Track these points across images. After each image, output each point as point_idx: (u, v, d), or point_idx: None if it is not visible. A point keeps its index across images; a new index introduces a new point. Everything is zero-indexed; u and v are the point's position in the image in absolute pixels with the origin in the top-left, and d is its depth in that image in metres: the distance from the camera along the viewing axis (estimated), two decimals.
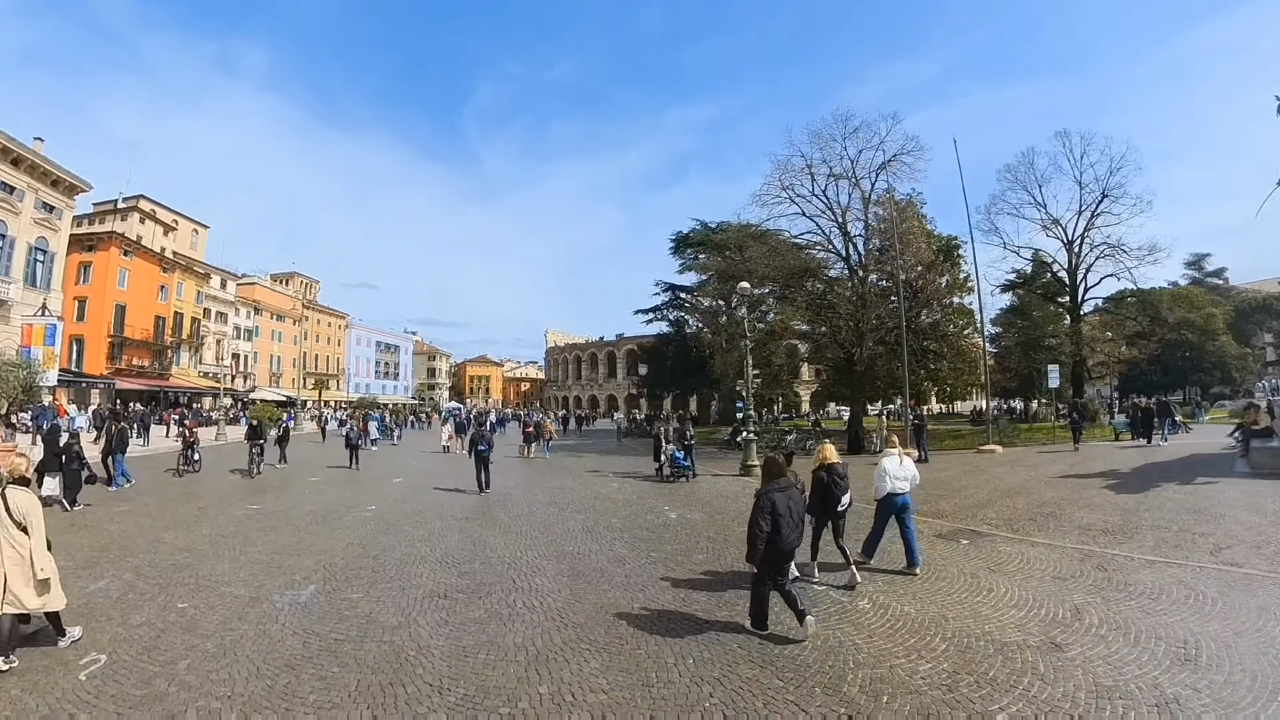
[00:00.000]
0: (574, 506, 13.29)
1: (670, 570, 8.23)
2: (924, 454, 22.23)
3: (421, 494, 15.17)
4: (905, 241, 30.68)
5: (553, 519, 11.91)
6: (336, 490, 15.54)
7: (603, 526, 11.18)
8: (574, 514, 12.41)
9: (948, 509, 12.36)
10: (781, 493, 5.82)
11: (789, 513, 5.75)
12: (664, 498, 14.42)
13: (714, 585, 7.58)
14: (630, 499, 14.33)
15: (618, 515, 12.26)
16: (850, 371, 29.81)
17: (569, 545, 9.76)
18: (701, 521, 11.57)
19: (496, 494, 15.09)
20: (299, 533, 10.55)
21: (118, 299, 50.20)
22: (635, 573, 8.16)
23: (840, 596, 7.10)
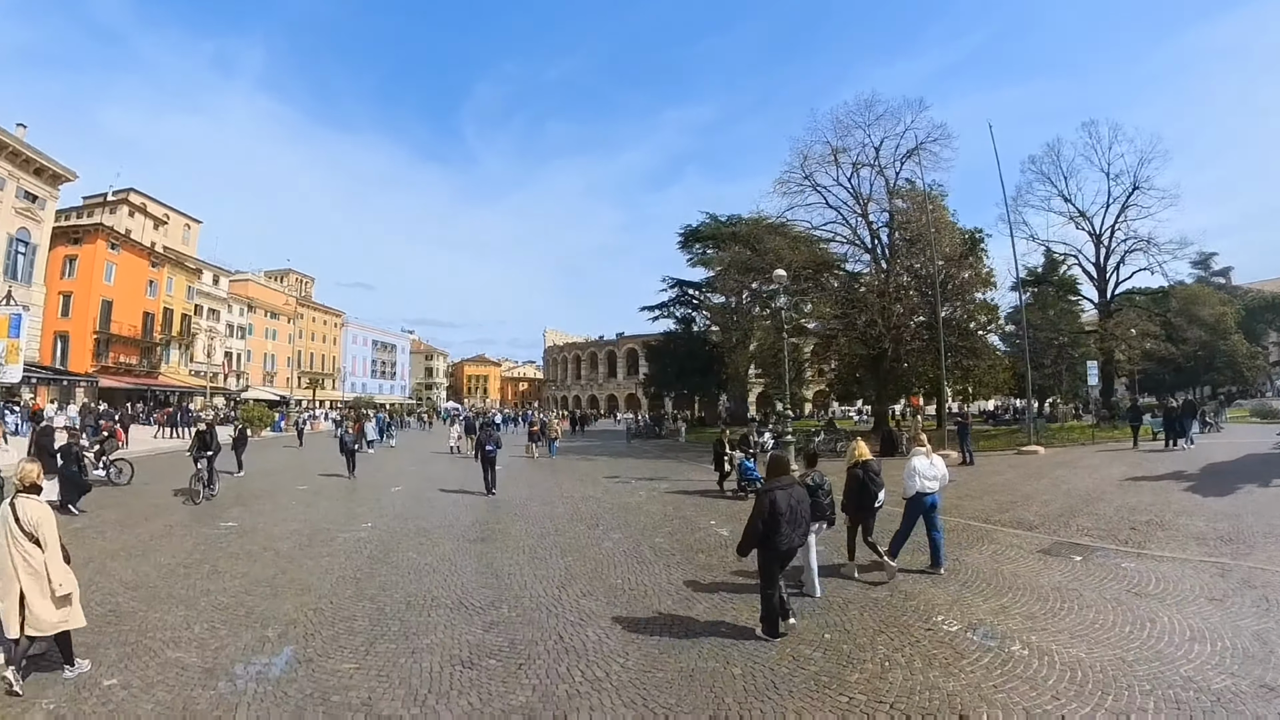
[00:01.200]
0: (605, 522, 11.32)
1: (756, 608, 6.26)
2: (968, 456, 20.43)
3: (425, 506, 13.16)
4: (937, 232, 28.99)
5: (584, 539, 9.93)
6: (328, 503, 13.49)
7: (647, 548, 9.21)
8: (607, 532, 10.43)
9: (1031, 518, 11.04)
10: (784, 490, 5.62)
11: (790, 512, 5.53)
12: (704, 511, 12.43)
13: None
14: (666, 512, 12.35)
15: (660, 533, 10.30)
16: (876, 369, 28.02)
17: (615, 576, 7.79)
18: None
19: (512, 504, 13.18)
20: (278, 561, 8.53)
21: (104, 294, 47.94)
22: (713, 613, 6.32)
23: (983, 640, 5.64)
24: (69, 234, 48.27)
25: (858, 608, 6.56)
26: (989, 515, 11.39)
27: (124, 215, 56.46)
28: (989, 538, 9.67)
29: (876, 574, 7.61)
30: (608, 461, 23.23)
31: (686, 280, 45.21)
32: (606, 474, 18.89)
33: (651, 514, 12.15)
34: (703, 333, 46.06)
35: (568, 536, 10.10)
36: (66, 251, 47.55)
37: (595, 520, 11.49)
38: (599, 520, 11.48)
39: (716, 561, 8.45)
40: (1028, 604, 6.55)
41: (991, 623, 6.04)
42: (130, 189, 61.02)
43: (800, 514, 5.68)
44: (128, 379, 47.62)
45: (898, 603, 6.70)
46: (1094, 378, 26.56)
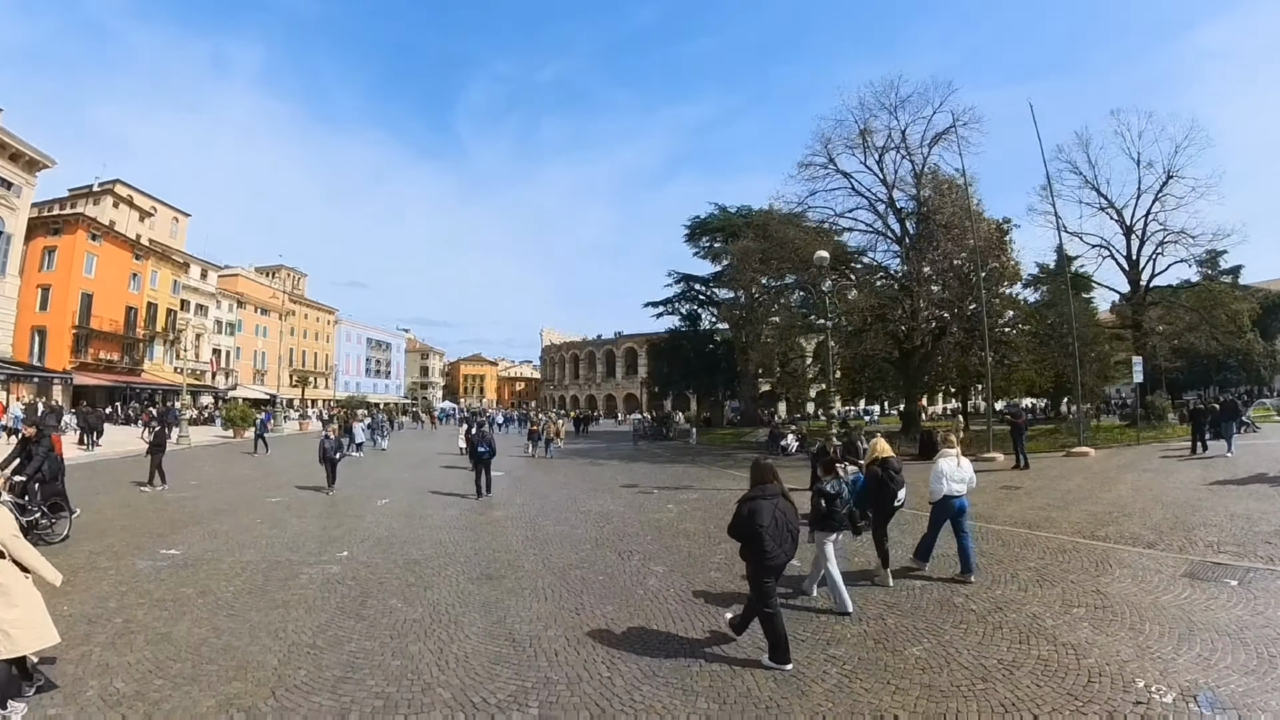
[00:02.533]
0: (638, 547, 9.05)
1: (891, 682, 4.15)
2: (1023, 459, 18.35)
3: (416, 525, 10.86)
4: (966, 221, 26.97)
5: (618, 574, 7.70)
6: (299, 522, 11.16)
7: (705, 590, 6.98)
8: (646, 563, 8.18)
9: (1143, 532, 9.46)
10: (766, 500, 5.05)
11: (775, 523, 4.96)
12: None
13: None
14: (709, 532, 10.10)
15: (712, 565, 8.06)
16: (905, 366, 25.90)
17: (679, 640, 5.54)
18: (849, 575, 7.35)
19: (521, 522, 10.96)
20: (215, 614, 6.25)
21: (84, 287, 45.44)
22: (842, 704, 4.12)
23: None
24: (48, 224, 45.82)
25: (1000, 655, 4.70)
26: (1091, 530, 9.72)
27: (108, 206, 53.86)
28: (1112, 559, 8.09)
29: (946, 582, 6.93)
30: (619, 467, 21.01)
31: (693, 275, 42.91)
32: (622, 481, 16.66)
33: (692, 536, 9.91)
34: (710, 330, 43.86)
35: (596, 570, 7.86)
36: (46, 243, 45.10)
37: (625, 545, 9.24)
38: (630, 545, 9.23)
39: (814, 619, 6.24)
40: (1231, 653, 5.03)
41: (1216, 687, 4.42)
42: (116, 180, 58.35)
43: (787, 527, 5.07)
44: (107, 376, 45.10)
45: (1064, 659, 4.96)
46: (1139, 374, 24.48)
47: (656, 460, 23.15)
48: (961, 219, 26.56)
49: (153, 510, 12.22)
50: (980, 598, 6.59)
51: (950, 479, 7.43)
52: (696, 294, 43.07)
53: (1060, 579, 7.21)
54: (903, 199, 27.94)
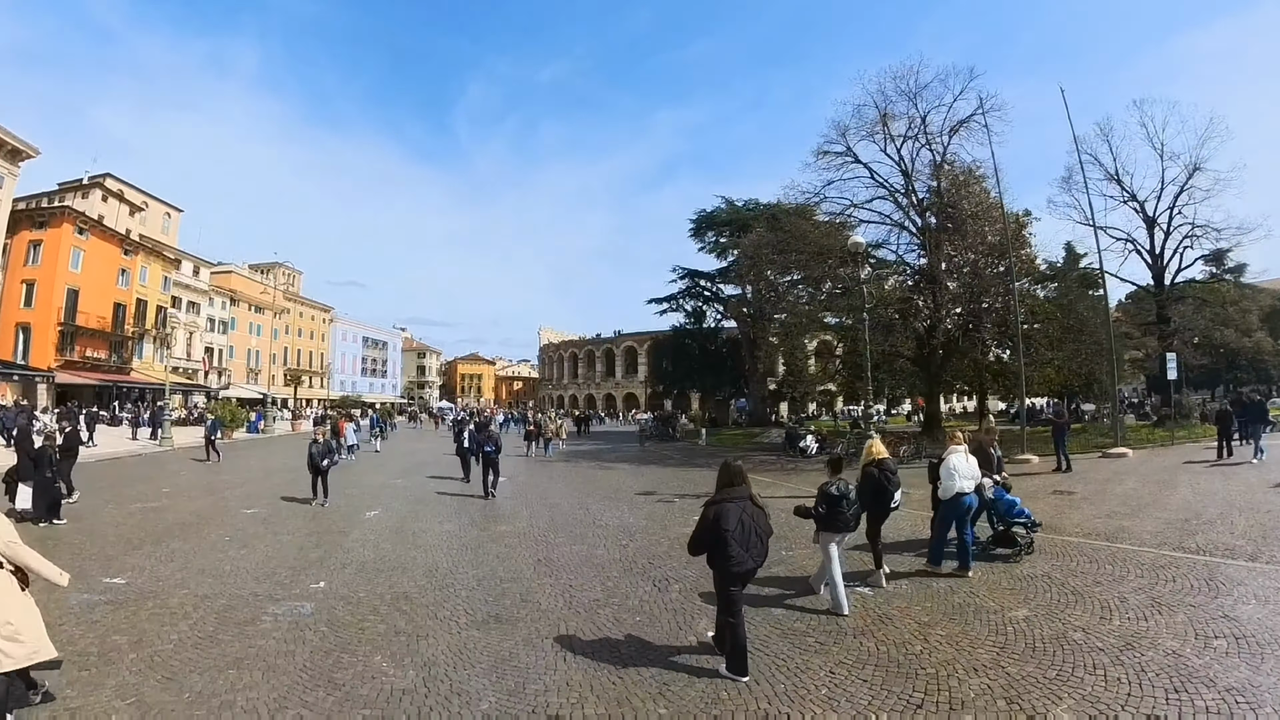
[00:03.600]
0: (674, 574, 7.53)
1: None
2: (1065, 461, 16.99)
3: (408, 544, 9.35)
4: (989, 214, 25.62)
5: (659, 611, 6.22)
6: (273, 540, 9.65)
7: (765, 625, 5.53)
8: (688, 597, 6.70)
9: (1237, 542, 8.36)
10: (732, 503, 4.82)
11: (741, 527, 4.73)
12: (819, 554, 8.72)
13: None
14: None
15: (775, 600, 6.60)
16: (928, 364, 24.46)
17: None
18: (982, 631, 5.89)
19: (531, 539, 9.50)
20: (147, 677, 4.77)
21: (70, 282, 43.77)
22: None
23: None
24: (33, 218, 44.15)
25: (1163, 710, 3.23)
26: (1178, 540, 8.61)
27: (96, 200, 52.07)
28: (1220, 575, 6.98)
29: None
30: (630, 471, 19.52)
31: (698, 270, 41.35)
32: (637, 488, 15.16)
33: None
34: (715, 327, 42.36)
35: (630, 608, 6.37)
36: (31, 236, 43.45)
37: (658, 571, 7.75)
38: (664, 571, 7.75)
39: (923, 651, 4.82)
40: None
41: None
42: (107, 174, 56.54)
43: (756, 532, 4.84)
44: (94, 375, 43.44)
45: (1240, 712, 4.05)
46: (1173, 372, 23.16)
47: (668, 463, 21.68)
48: (988, 209, 25.23)
49: (111, 524, 10.73)
50: (1101, 631, 5.49)
51: (962, 475, 7.22)
52: (701, 290, 41.52)
53: (1178, 603, 6.13)
54: (922, 189, 26.62)
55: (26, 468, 10.77)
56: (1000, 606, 6.20)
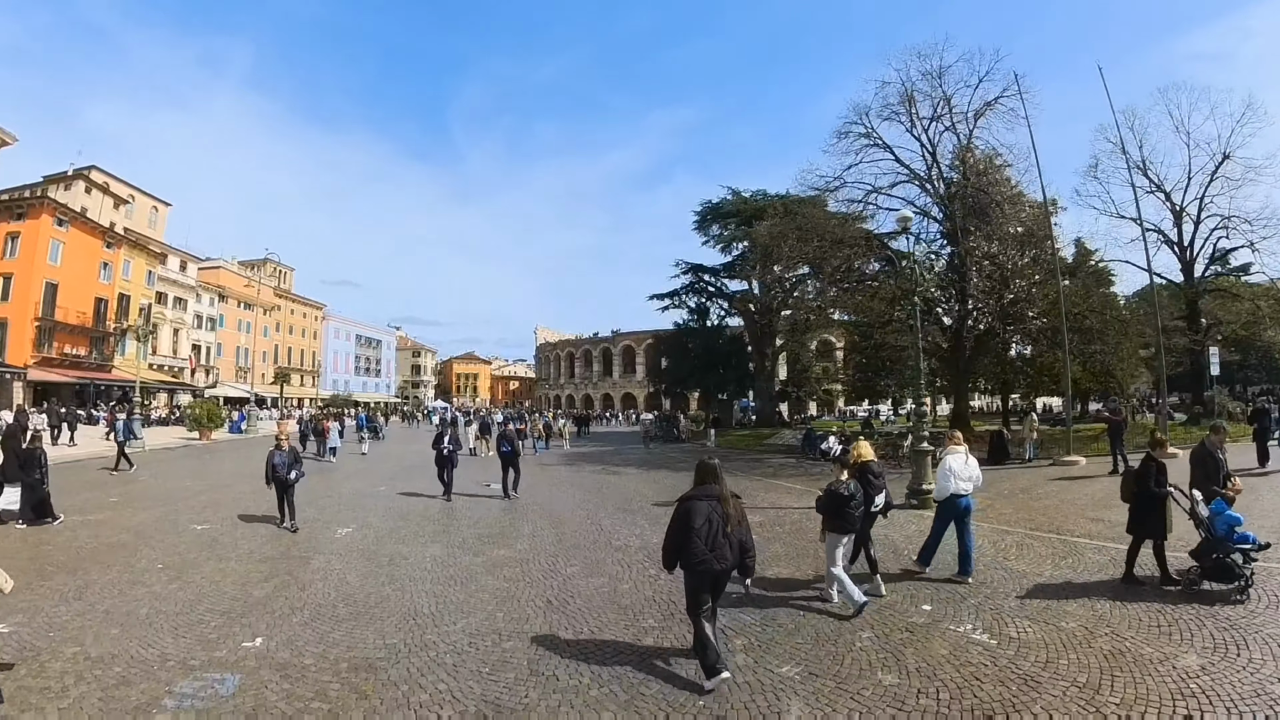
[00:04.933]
0: (732, 624, 5.63)
1: None
2: (1122, 461, 15.25)
3: (380, 576, 7.35)
4: (1016, 202, 23.97)
5: (735, 696, 4.32)
6: (213, 567, 7.64)
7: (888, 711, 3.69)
8: (762, 658, 4.84)
9: None
10: (701, 501, 4.67)
11: (708, 524, 4.56)
12: (934, 595, 6.83)
13: None
14: (817, 576, 6.76)
15: (861, 651, 4.72)
16: (954, 361, 22.69)
17: None
18: None
19: (537, 566, 7.54)
20: None
21: (49, 276, 41.49)
22: None
23: None
24: (11, 208, 41.89)
25: None
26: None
27: (79, 192, 49.91)
28: None
29: None
30: (639, 477, 17.60)
31: (702, 265, 39.41)
32: (653, 497, 13.22)
33: (799, 590, 6.56)
34: (719, 324, 40.45)
35: (684, 683, 4.47)
36: (8, 228, 41.23)
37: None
38: (720, 619, 5.84)
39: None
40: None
41: None
42: (93, 166, 54.31)
43: (724, 533, 4.59)
44: (73, 372, 41.20)
45: None
46: (1215, 368, 21.61)
47: (679, 468, 19.76)
48: (1014, 197, 23.57)
49: (34, 543, 8.79)
50: None
51: (959, 477, 7.07)
52: (705, 285, 39.58)
53: None
54: (947, 174, 24.91)
55: (13, 469, 10.12)
56: (1164, 655, 4.41)
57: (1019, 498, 12.99)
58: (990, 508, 11.87)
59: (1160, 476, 6.81)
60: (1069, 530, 9.75)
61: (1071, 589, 6.60)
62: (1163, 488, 6.75)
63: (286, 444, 10.28)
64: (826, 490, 6.25)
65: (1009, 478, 16.00)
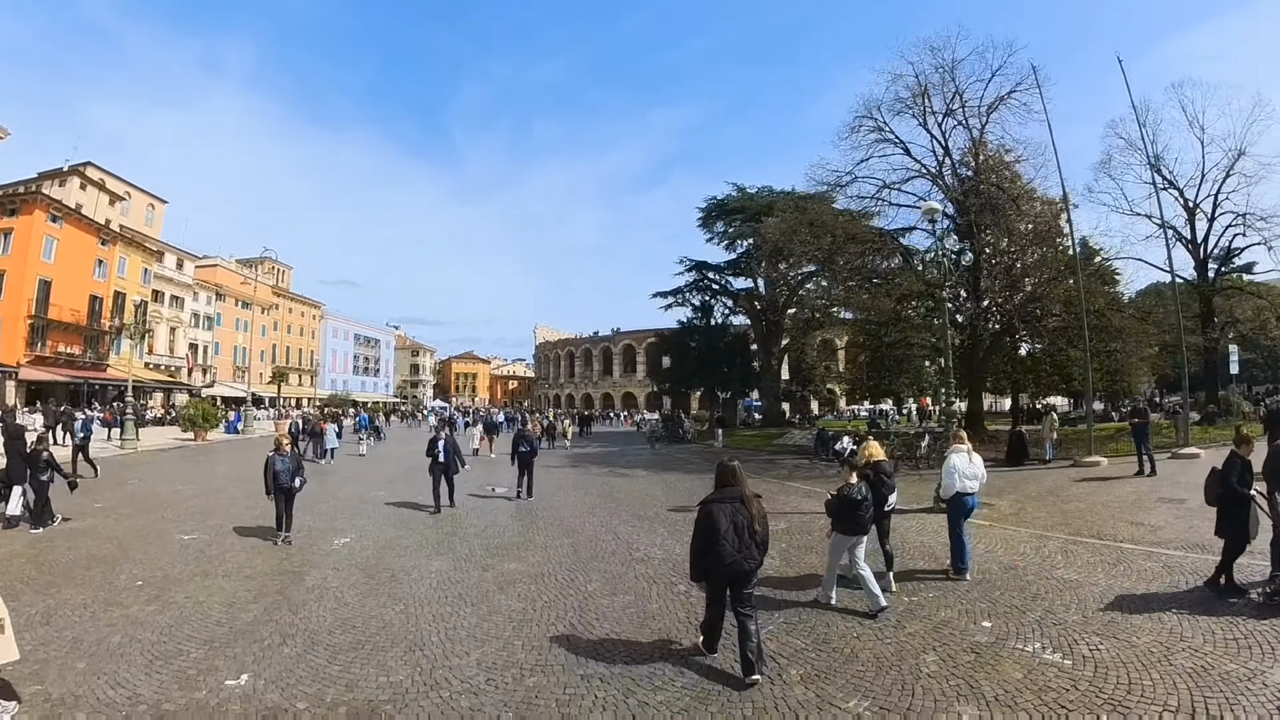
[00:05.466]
0: (783, 649, 4.95)
1: None
2: (1149, 463, 14.75)
3: (381, 595, 6.67)
4: (1026, 199, 23.38)
5: None
6: (198, 585, 6.94)
7: None
8: (821, 685, 4.16)
9: None
10: (722, 504, 4.75)
11: (732, 527, 4.65)
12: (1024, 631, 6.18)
13: None
14: (898, 623, 6.08)
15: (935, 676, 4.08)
16: (970, 359, 22.04)
17: None
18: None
19: (554, 582, 6.83)
20: None
21: (43, 273, 40.73)
22: None
23: None
24: (4, 204, 41.09)
25: None
26: None
27: (74, 188, 49.09)
28: None
29: None
30: (650, 479, 16.90)
31: (706, 262, 38.65)
32: (669, 502, 12.54)
33: (880, 638, 5.88)
34: (723, 323, 39.74)
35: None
36: (1, 224, 40.41)
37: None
38: (769, 646, 5.17)
39: None
40: None
41: None
42: (88, 162, 53.46)
43: (748, 532, 4.69)
44: (67, 371, 40.42)
45: None
46: (1235, 366, 21.06)
47: (690, 469, 19.09)
48: (1026, 194, 22.97)
49: (5, 555, 8.08)
50: None
51: (964, 475, 7.14)
52: (709, 283, 38.88)
53: None
54: (960, 170, 24.29)
55: (18, 470, 9.95)
56: (1251, 672, 3.73)
57: (1048, 500, 12.43)
58: (1022, 511, 11.29)
59: (1245, 475, 6.20)
60: (1110, 535, 9.19)
61: (1133, 601, 6.13)
62: (1247, 487, 6.14)
63: (288, 448, 9.40)
64: (837, 493, 6.19)
65: (1032, 479, 15.42)
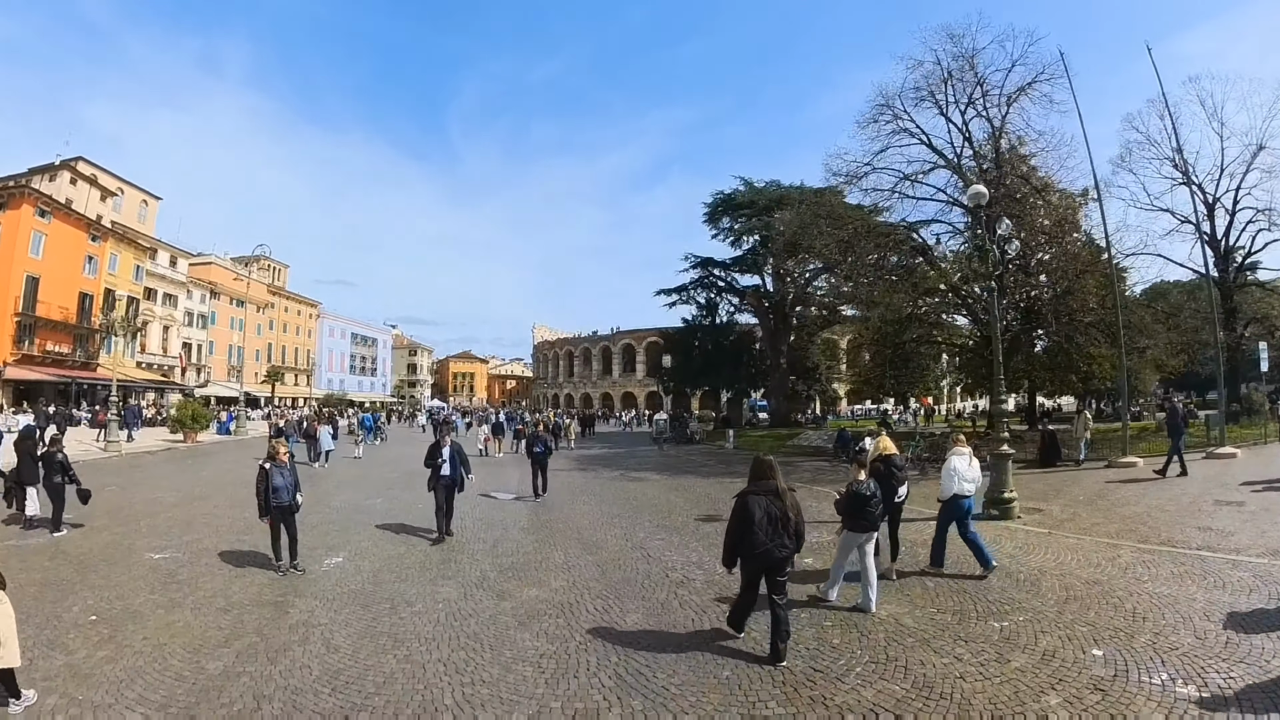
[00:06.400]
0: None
1: None
2: (1181, 463, 13.94)
3: (378, 633, 5.54)
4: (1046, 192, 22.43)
5: None
6: (159, 620, 5.78)
7: None
8: None
9: None
10: (758, 495, 4.99)
11: (767, 517, 4.88)
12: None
13: None
14: (965, 632, 4.98)
15: None
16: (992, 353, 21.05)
17: None
18: None
19: (583, 613, 5.60)
20: None
21: (30, 269, 39.37)
22: None
23: None
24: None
25: None
26: None
27: (64, 183, 47.64)
28: None
29: None
30: (666, 483, 15.77)
31: (712, 259, 37.48)
32: (694, 511, 11.45)
33: (956, 654, 4.79)
34: (729, 321, 38.62)
35: None
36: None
37: (849, 696, 4.08)
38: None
39: None
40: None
41: None
42: (79, 157, 51.98)
43: (778, 523, 4.90)
44: (54, 370, 39.06)
45: None
46: (1265, 363, 20.27)
47: (704, 471, 17.99)
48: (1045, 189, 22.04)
49: None
50: None
51: (963, 478, 7.08)
52: (715, 280, 37.74)
53: None
54: (975, 163, 23.32)
55: (30, 471, 9.72)
56: None
57: (1099, 504, 11.54)
58: (1076, 516, 10.34)
59: None
60: (1182, 542, 8.31)
61: (1243, 619, 5.35)
62: None
63: (286, 457, 7.54)
64: (847, 490, 6.19)
65: (1073, 481, 14.48)
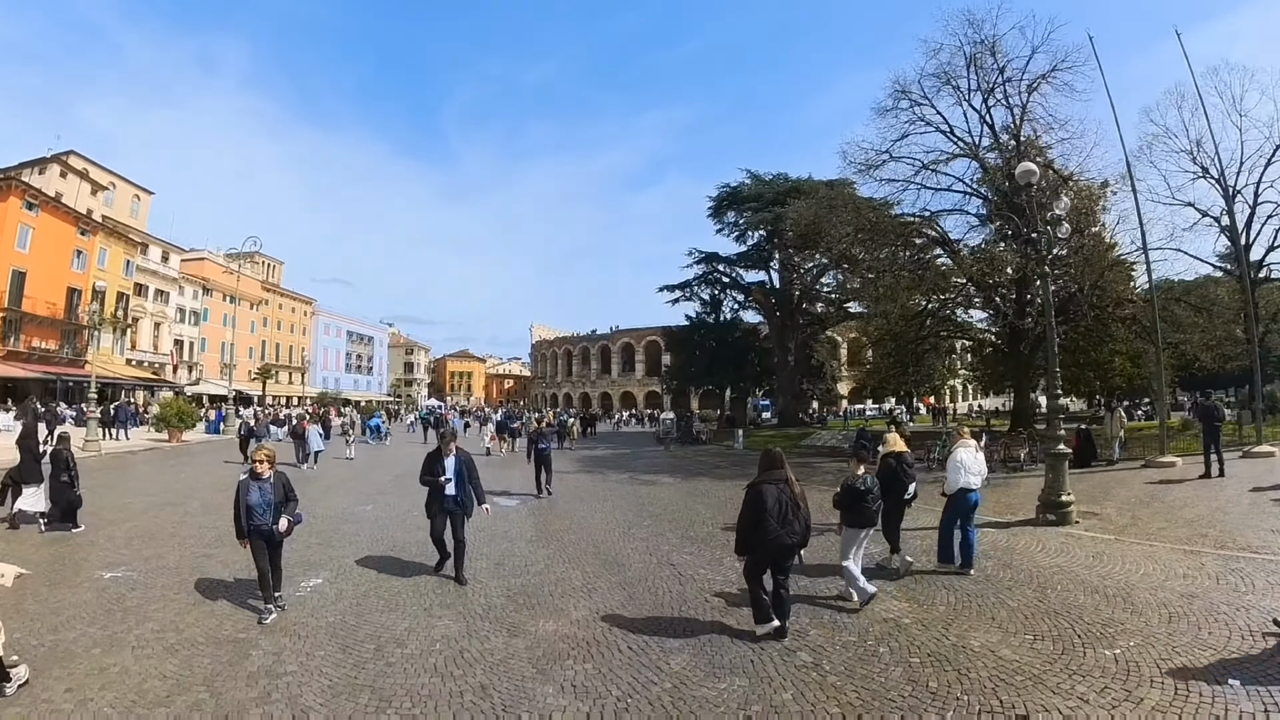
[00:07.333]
0: None
1: None
2: (1218, 463, 13.10)
3: (363, 696, 4.37)
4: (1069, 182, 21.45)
5: None
6: (89, 660, 4.58)
7: None
8: None
9: None
10: (771, 485, 5.09)
11: (779, 506, 4.98)
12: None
13: None
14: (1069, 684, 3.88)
15: None
16: (1016, 354, 20.05)
17: None
18: None
19: (612, 649, 4.37)
20: None
21: (16, 263, 38.00)
22: None
23: None
24: None
25: None
26: None
27: (54, 176, 46.35)
28: None
29: None
30: (681, 487, 14.61)
31: (717, 254, 36.32)
32: (718, 519, 10.26)
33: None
34: (733, 319, 37.49)
35: None
36: None
37: None
38: None
39: None
40: None
41: None
42: (71, 151, 50.60)
43: (792, 511, 5.03)
44: (40, 367, 37.68)
45: None
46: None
47: (718, 474, 16.86)
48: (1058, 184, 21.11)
49: None
50: None
51: (969, 471, 6.96)
52: (720, 276, 36.57)
53: None
54: (994, 154, 22.35)
55: (31, 469, 9.33)
56: None
57: (1155, 507, 10.54)
58: (1137, 521, 9.37)
59: None
60: (1263, 548, 7.46)
61: None
62: None
63: (268, 470, 5.78)
64: (843, 485, 6.11)
65: (1116, 482, 13.51)
